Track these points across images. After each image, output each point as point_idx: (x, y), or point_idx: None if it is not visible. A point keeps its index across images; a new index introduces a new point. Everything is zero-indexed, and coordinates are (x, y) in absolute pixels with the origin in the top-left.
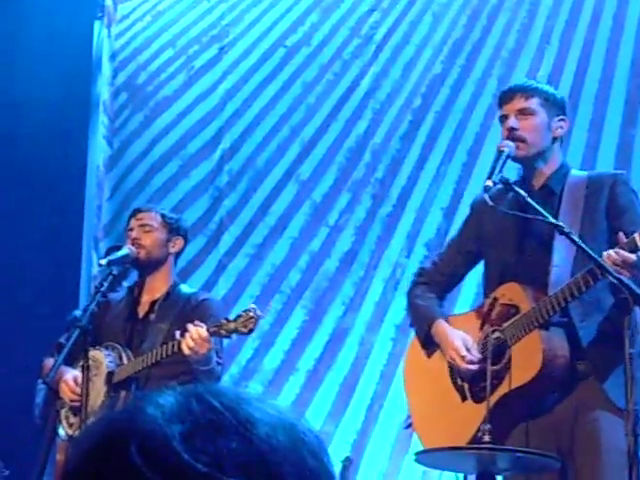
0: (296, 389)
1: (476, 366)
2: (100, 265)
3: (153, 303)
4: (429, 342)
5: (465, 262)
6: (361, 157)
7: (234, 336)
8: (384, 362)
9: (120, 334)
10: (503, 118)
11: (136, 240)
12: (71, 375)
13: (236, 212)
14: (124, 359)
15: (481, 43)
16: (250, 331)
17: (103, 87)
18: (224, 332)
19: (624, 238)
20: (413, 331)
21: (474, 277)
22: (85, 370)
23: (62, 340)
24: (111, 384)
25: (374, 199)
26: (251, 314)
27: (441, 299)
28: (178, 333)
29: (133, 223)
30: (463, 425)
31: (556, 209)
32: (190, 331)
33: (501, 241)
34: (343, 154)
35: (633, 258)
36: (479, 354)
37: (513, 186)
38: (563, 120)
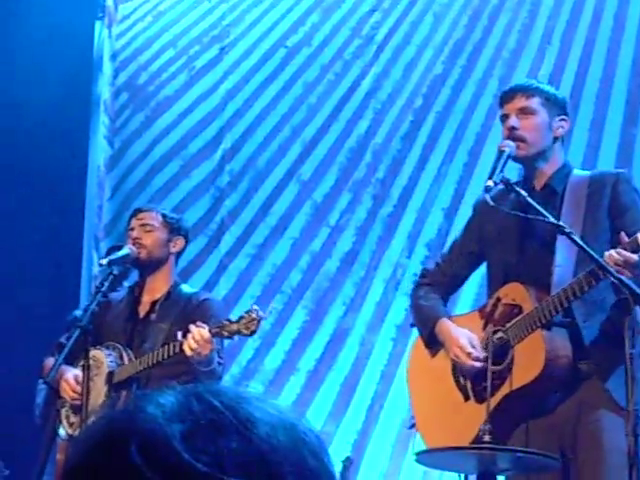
0: (297, 389)
1: (481, 363)
2: (101, 265)
3: (154, 303)
4: (433, 341)
5: (468, 263)
6: (362, 157)
7: (236, 337)
8: (385, 362)
9: (121, 334)
10: (504, 117)
11: (137, 240)
12: (72, 374)
13: (237, 212)
14: (125, 359)
15: (482, 43)
16: (252, 332)
17: (104, 87)
18: (226, 333)
19: (626, 238)
20: (417, 331)
21: (474, 278)
22: (86, 370)
23: (63, 340)
24: (112, 384)
25: (375, 199)
26: (253, 315)
27: (444, 300)
28: (180, 334)
29: (134, 223)
30: (466, 425)
31: (558, 209)
32: (192, 332)
33: (504, 241)
34: (344, 154)
35: (635, 258)
36: (484, 352)
37: (514, 186)
38: (564, 120)
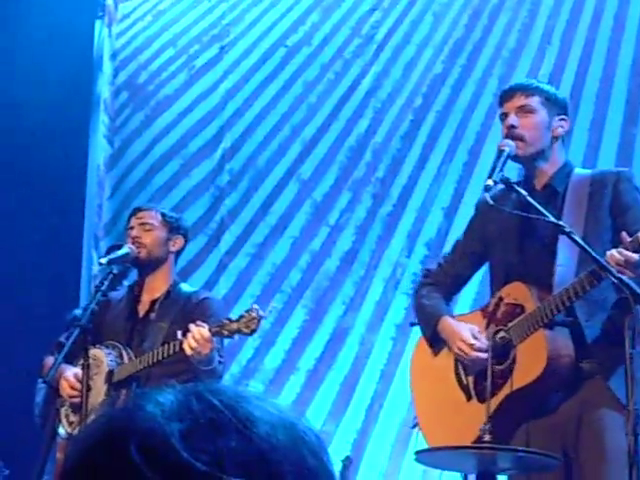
0: (297, 388)
1: (485, 354)
2: (100, 264)
3: (153, 302)
4: (436, 340)
5: (471, 263)
6: (362, 156)
7: (236, 337)
8: (384, 361)
9: (120, 333)
10: (503, 116)
11: (136, 239)
12: (71, 372)
13: (237, 211)
14: (125, 358)
15: (482, 43)
16: (252, 332)
17: (104, 86)
18: (226, 332)
19: (627, 237)
20: (419, 330)
21: (474, 278)
22: (85, 369)
23: (62, 339)
24: (111, 383)
25: (375, 198)
26: (253, 314)
27: (447, 300)
28: (180, 333)
29: (133, 222)
30: (468, 425)
31: (559, 208)
32: (192, 331)
33: (506, 241)
34: (344, 153)
35: (636, 258)
36: (488, 342)
37: (514, 185)
38: (564, 120)
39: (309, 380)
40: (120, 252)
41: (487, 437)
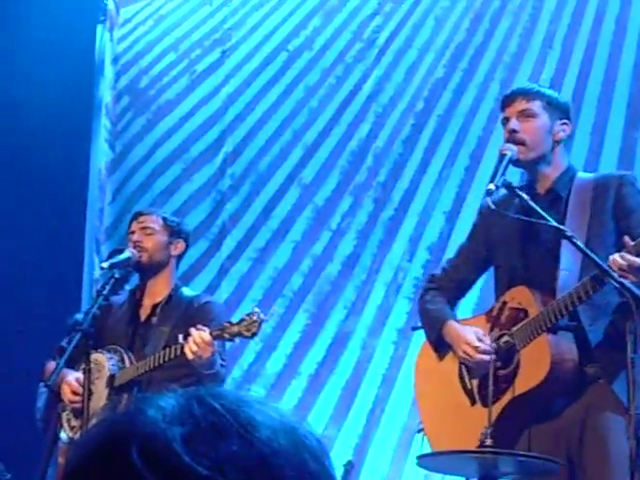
0: (298, 393)
1: (490, 356)
2: (102, 268)
3: (155, 306)
4: (440, 344)
5: (475, 268)
6: (363, 161)
7: (237, 340)
8: (386, 366)
9: (122, 337)
10: (505, 121)
11: (137, 243)
12: (73, 376)
13: (238, 216)
14: (126, 362)
15: (484, 47)
16: (253, 335)
17: (105, 91)
18: (227, 336)
19: (630, 242)
20: (424, 335)
21: (477, 283)
22: (87, 373)
23: (64, 344)
24: (113, 387)
25: (376, 203)
26: (254, 318)
27: (452, 305)
28: (181, 337)
29: (134, 226)
30: (472, 429)
31: (563, 213)
32: (193, 335)
33: (509, 245)
34: (345, 158)
35: (639, 262)
36: (493, 344)
37: (516, 190)
38: (566, 124)
39: (311, 384)
40: (122, 256)
41: (488, 441)
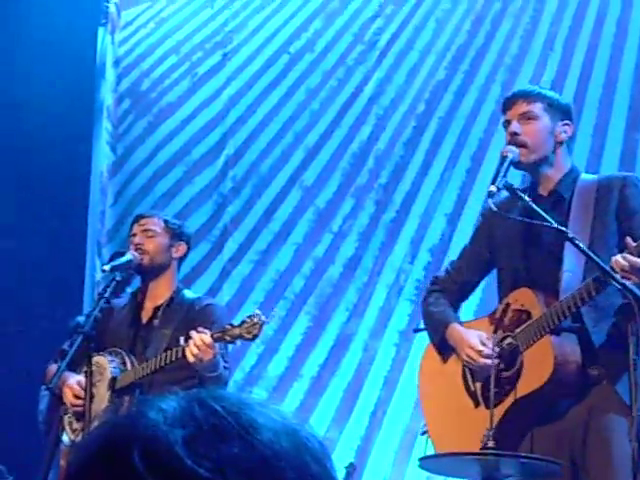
0: (300, 395)
1: (492, 361)
2: (104, 271)
3: (156, 308)
4: (444, 347)
5: (478, 270)
6: (365, 163)
7: (238, 342)
8: (388, 368)
9: (124, 340)
10: (506, 123)
11: (139, 245)
12: (75, 380)
13: (240, 218)
14: (128, 365)
15: (485, 49)
16: (254, 337)
17: (107, 93)
18: (228, 338)
19: (632, 243)
20: (428, 337)
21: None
22: (89, 376)
23: (65, 346)
24: (115, 390)
25: (378, 205)
26: (255, 320)
27: (455, 307)
28: (182, 339)
29: (136, 229)
30: (476, 431)
31: (566, 214)
32: (194, 338)
33: (512, 247)
34: (347, 160)
35: None
36: (496, 348)
37: (517, 191)
38: (567, 125)
39: (312, 387)
40: (123, 259)
41: (490, 443)
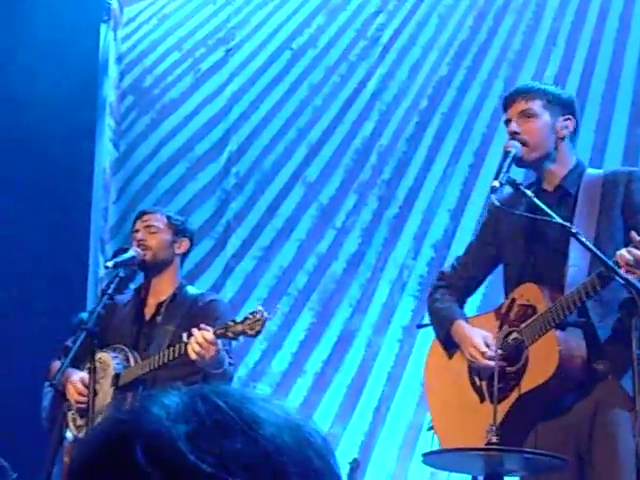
0: (304, 391)
1: (497, 362)
2: (107, 267)
3: (160, 305)
4: (449, 343)
5: (484, 265)
6: (367, 159)
7: (241, 338)
8: (391, 364)
9: (127, 336)
10: (507, 122)
11: (142, 241)
12: (78, 376)
13: (243, 214)
14: (131, 361)
15: (487, 44)
16: (257, 333)
17: (109, 90)
18: (231, 334)
19: (637, 237)
20: (434, 333)
21: None
22: (92, 372)
23: (69, 343)
24: (118, 386)
25: (380, 201)
26: (258, 316)
27: (461, 303)
28: (185, 335)
29: (139, 225)
30: (481, 427)
31: (571, 209)
32: (195, 335)
33: (518, 242)
34: (349, 156)
35: None
36: (500, 351)
37: (520, 186)
38: (569, 119)
39: (316, 383)
40: (126, 255)
41: (494, 439)
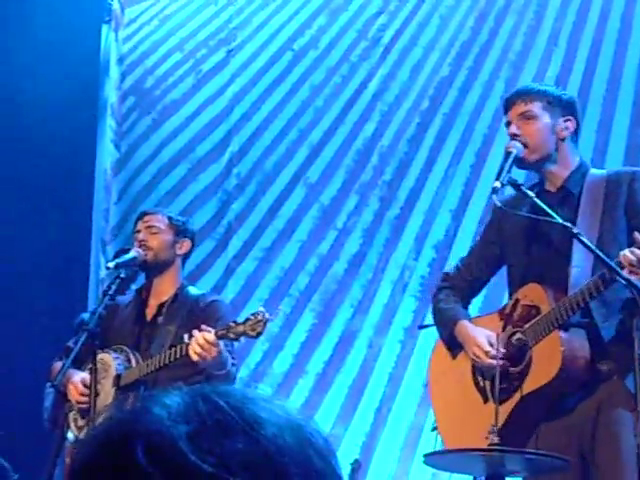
0: (305, 392)
1: (499, 362)
2: (108, 268)
3: (161, 305)
4: (453, 343)
5: (488, 266)
6: (369, 160)
7: (242, 339)
8: (392, 364)
9: (128, 337)
10: (508, 124)
11: (143, 242)
12: (79, 377)
13: (244, 215)
14: (132, 362)
15: (488, 45)
16: (259, 334)
17: (111, 91)
18: (232, 335)
19: None
20: (437, 334)
21: None
22: (93, 373)
23: (70, 344)
24: (119, 387)
25: (382, 201)
26: (260, 317)
27: (465, 303)
28: (186, 336)
29: (140, 225)
30: (484, 427)
31: (575, 210)
32: (196, 337)
33: (522, 243)
34: (351, 157)
35: None
36: (503, 350)
37: (521, 187)
38: (569, 120)
39: (318, 383)
40: (127, 256)
41: (495, 439)
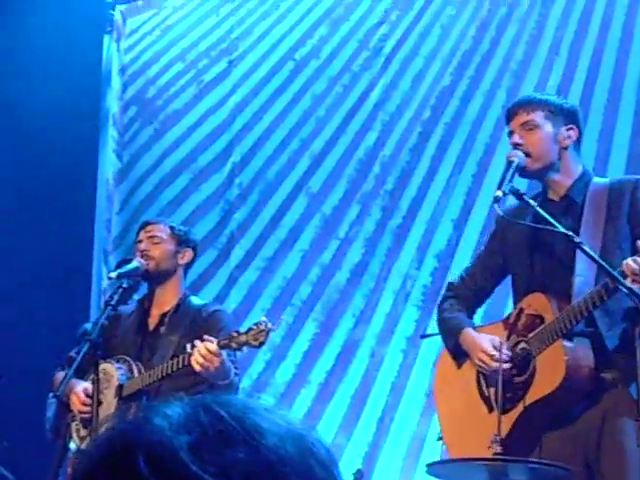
0: (308, 402)
1: (506, 365)
2: (110, 278)
3: (163, 315)
4: (458, 352)
5: (492, 276)
6: (371, 169)
7: (245, 349)
8: (395, 374)
9: (130, 347)
10: (510, 134)
11: (145, 252)
12: (81, 387)
13: (247, 225)
14: (135, 372)
15: (490, 54)
16: (261, 344)
17: (112, 101)
18: (235, 345)
19: None
20: (442, 343)
21: None
22: (96, 383)
23: (73, 354)
24: (122, 397)
25: (384, 211)
26: (262, 327)
27: (470, 313)
28: (189, 346)
29: (142, 235)
30: (489, 437)
31: (578, 218)
32: (198, 347)
33: (524, 252)
34: (353, 166)
35: None
36: (508, 352)
37: (523, 196)
38: (572, 129)
39: (320, 393)
40: (129, 266)
41: (498, 449)
